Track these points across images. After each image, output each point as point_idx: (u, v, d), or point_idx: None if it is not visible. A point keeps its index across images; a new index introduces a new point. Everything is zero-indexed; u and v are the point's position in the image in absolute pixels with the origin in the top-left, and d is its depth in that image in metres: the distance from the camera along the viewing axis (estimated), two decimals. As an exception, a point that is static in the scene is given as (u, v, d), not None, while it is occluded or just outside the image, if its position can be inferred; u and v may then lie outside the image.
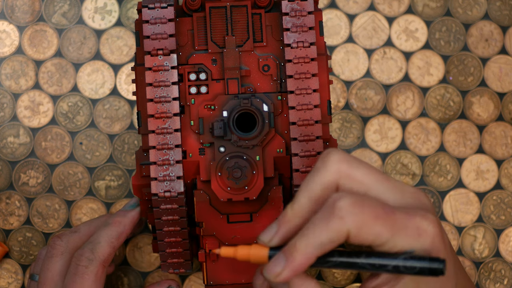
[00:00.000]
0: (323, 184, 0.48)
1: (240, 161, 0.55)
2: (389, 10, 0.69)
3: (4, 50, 0.68)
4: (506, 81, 0.69)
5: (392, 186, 0.49)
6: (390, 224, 0.47)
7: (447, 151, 0.69)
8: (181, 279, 0.68)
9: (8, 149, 0.68)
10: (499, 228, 0.69)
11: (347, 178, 0.48)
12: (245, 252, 0.50)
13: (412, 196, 0.49)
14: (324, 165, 0.49)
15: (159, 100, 0.55)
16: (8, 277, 0.67)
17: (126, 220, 0.62)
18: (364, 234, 0.46)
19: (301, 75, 0.55)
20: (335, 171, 0.48)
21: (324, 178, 0.48)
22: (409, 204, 0.49)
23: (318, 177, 0.48)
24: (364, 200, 0.47)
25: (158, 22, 0.56)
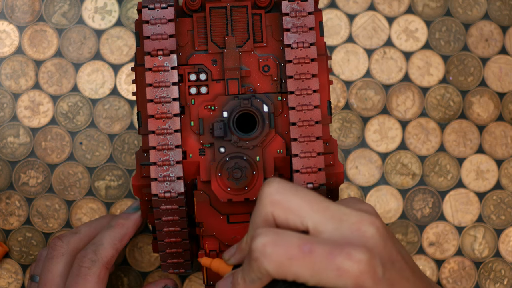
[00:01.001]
0: (261, 217, 0.49)
1: (240, 162, 0.55)
2: (389, 10, 0.69)
3: (4, 50, 0.68)
4: (506, 81, 0.69)
5: (330, 216, 0.47)
6: (307, 265, 0.46)
7: (447, 151, 0.69)
8: (181, 279, 0.68)
9: (8, 149, 0.68)
10: (499, 228, 0.69)
11: (281, 209, 0.48)
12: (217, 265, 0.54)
13: (351, 227, 0.47)
14: (260, 198, 0.49)
15: (159, 101, 0.55)
16: (8, 277, 0.67)
17: (129, 223, 0.62)
18: (284, 273, 0.46)
19: (301, 75, 0.55)
20: (269, 204, 0.48)
21: (261, 212, 0.49)
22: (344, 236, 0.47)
23: (257, 210, 0.49)
24: (279, 238, 0.46)
25: (158, 23, 0.56)
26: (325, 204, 0.48)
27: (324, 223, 0.47)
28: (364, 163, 0.69)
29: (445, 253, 0.68)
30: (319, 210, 0.48)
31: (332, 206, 0.48)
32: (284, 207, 0.48)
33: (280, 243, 0.46)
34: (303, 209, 0.48)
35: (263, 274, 0.46)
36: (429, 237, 0.68)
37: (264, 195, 0.49)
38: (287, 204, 0.48)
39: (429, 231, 0.68)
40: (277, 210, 0.48)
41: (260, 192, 0.49)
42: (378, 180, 0.69)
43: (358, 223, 0.47)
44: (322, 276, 0.45)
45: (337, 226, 0.47)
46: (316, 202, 0.48)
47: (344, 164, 0.68)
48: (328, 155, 0.57)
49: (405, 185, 0.69)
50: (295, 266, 0.46)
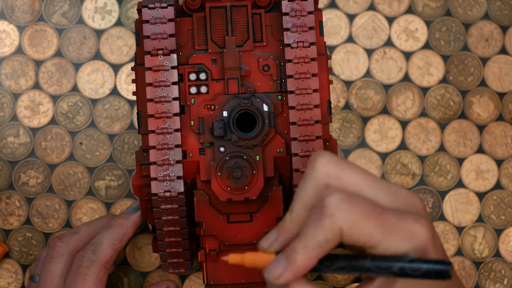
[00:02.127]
0: (314, 189, 0.48)
1: (240, 161, 0.55)
2: (389, 10, 0.69)
3: (4, 50, 0.68)
4: (506, 81, 0.69)
5: (384, 188, 0.48)
6: (381, 225, 0.46)
7: (447, 151, 0.69)
8: (181, 279, 0.68)
9: (8, 149, 0.68)
10: (499, 228, 0.69)
11: (337, 181, 0.47)
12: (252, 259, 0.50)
13: (404, 199, 0.48)
14: (313, 169, 0.48)
15: (159, 100, 0.55)
16: (8, 277, 0.67)
17: (129, 223, 0.62)
18: (356, 233, 0.45)
19: (301, 75, 0.55)
20: (324, 174, 0.47)
21: (314, 183, 0.48)
22: (400, 207, 0.47)
23: (309, 183, 0.48)
24: (353, 197, 0.46)
25: (158, 22, 0.56)
26: (377, 178, 0.48)
27: (379, 195, 0.47)
28: (364, 163, 0.69)
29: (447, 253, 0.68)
30: (374, 183, 0.47)
31: (382, 180, 0.48)
32: (340, 179, 0.47)
33: (355, 201, 0.45)
34: (359, 182, 0.47)
35: (334, 234, 0.45)
36: (429, 237, 0.68)
37: (319, 166, 0.47)
38: (343, 176, 0.47)
39: (429, 231, 0.68)
40: (333, 182, 0.47)
41: (313, 163, 0.48)
42: (378, 180, 0.69)
43: (409, 196, 0.48)
44: (394, 237, 0.46)
45: (392, 198, 0.47)
46: (370, 176, 0.48)
47: (344, 164, 0.68)
48: (328, 155, 0.57)
49: (405, 185, 0.69)
50: (370, 224, 0.45)
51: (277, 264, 0.47)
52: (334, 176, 0.47)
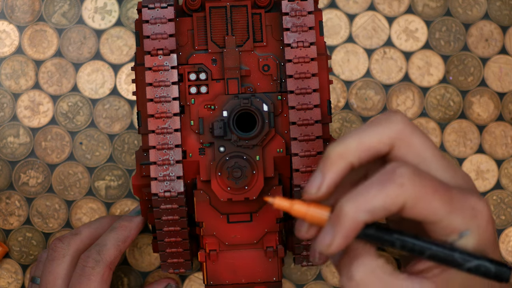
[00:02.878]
0: (380, 137, 0.45)
1: (240, 161, 0.55)
2: (389, 10, 0.69)
3: (4, 50, 0.68)
4: (506, 81, 0.69)
5: (446, 165, 0.47)
6: (447, 201, 0.44)
7: (447, 151, 0.69)
8: (181, 279, 0.68)
9: (8, 149, 0.68)
10: (499, 228, 0.69)
11: (405, 144, 0.46)
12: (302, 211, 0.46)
13: (463, 178, 0.47)
14: (389, 120, 0.46)
15: (159, 100, 0.55)
16: (8, 277, 0.67)
17: (133, 225, 0.62)
18: (420, 207, 0.44)
19: (301, 75, 0.55)
20: (398, 130, 0.46)
21: (384, 131, 0.45)
22: (460, 185, 0.47)
23: (379, 128, 0.45)
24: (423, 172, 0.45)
25: (158, 22, 0.56)
26: (441, 153, 0.47)
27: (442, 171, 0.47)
28: (364, 163, 0.69)
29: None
30: (440, 157, 0.47)
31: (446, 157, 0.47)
32: (410, 143, 0.46)
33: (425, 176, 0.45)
34: (426, 152, 0.46)
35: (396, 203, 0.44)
36: (429, 237, 0.68)
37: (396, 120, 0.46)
38: (414, 141, 0.46)
39: (429, 231, 0.68)
40: (401, 143, 0.46)
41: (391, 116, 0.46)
42: (378, 180, 0.68)
43: (466, 177, 0.48)
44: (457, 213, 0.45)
45: (453, 175, 0.47)
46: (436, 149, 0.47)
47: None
48: (328, 155, 0.57)
49: (405, 185, 0.69)
50: (437, 200, 0.44)
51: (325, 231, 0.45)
52: (405, 138, 0.46)
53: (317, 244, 0.45)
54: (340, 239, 0.44)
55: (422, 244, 0.45)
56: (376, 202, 0.44)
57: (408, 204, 0.44)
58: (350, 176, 0.49)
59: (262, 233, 0.57)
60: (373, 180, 0.44)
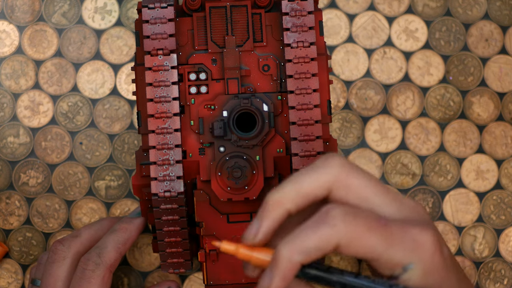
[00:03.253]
0: (317, 182, 0.46)
1: (240, 161, 0.55)
2: (389, 10, 0.69)
3: (4, 50, 0.68)
4: (506, 81, 0.69)
5: (391, 199, 0.47)
6: (385, 236, 0.45)
7: (447, 151, 0.69)
8: (181, 279, 0.68)
9: (8, 149, 0.68)
10: (499, 228, 0.69)
11: (344, 186, 0.47)
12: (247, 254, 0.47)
13: (410, 210, 0.47)
14: (325, 165, 0.47)
15: (159, 100, 0.55)
16: (8, 277, 0.67)
17: (133, 227, 0.62)
18: (355, 245, 0.45)
19: (301, 75, 0.55)
20: (334, 175, 0.47)
21: (321, 177, 0.46)
22: (406, 217, 0.47)
23: (315, 174, 0.47)
24: (357, 211, 0.45)
25: (158, 22, 0.56)
26: (385, 188, 0.47)
27: (387, 205, 0.47)
28: (364, 163, 0.69)
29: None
30: (382, 192, 0.47)
31: (390, 189, 0.48)
32: (348, 185, 0.47)
33: (358, 214, 0.45)
34: (365, 191, 0.47)
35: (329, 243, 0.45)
36: (429, 237, 0.68)
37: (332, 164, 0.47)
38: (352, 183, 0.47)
39: (429, 231, 0.68)
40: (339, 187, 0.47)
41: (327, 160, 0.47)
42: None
43: (416, 206, 0.48)
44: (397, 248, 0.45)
45: (399, 208, 0.47)
46: (378, 185, 0.47)
47: (344, 164, 0.68)
48: (328, 155, 0.57)
49: (405, 185, 0.69)
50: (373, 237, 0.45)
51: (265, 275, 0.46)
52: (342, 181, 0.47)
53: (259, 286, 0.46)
54: (278, 281, 0.46)
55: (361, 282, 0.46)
56: (310, 243, 0.45)
57: (342, 243, 0.45)
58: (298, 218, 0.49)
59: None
60: (308, 223, 0.45)
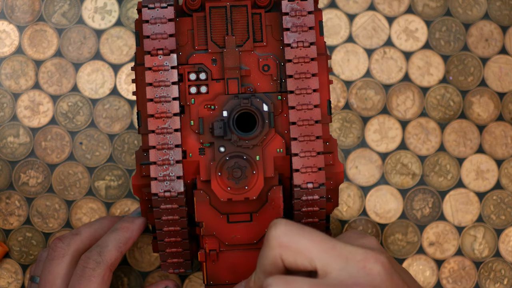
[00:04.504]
0: (269, 260, 0.50)
1: (240, 161, 0.55)
2: (389, 10, 0.69)
3: (4, 50, 0.68)
4: (506, 81, 0.69)
5: (336, 255, 0.48)
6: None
7: (447, 151, 0.69)
8: (181, 279, 0.68)
9: (8, 149, 0.68)
10: (499, 228, 0.69)
11: (289, 252, 0.49)
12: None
13: (357, 266, 0.48)
14: (267, 240, 0.50)
15: (159, 100, 0.55)
16: (8, 277, 0.67)
17: (134, 226, 0.62)
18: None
19: (301, 75, 0.55)
20: (277, 246, 0.49)
21: (269, 255, 0.50)
22: (352, 275, 0.48)
23: (265, 253, 0.50)
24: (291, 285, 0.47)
25: (158, 22, 0.56)
26: (331, 244, 0.49)
27: (331, 263, 0.48)
28: (364, 163, 0.69)
29: (445, 253, 0.68)
30: (326, 250, 0.48)
31: (338, 245, 0.49)
32: (292, 249, 0.49)
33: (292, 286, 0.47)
34: (311, 250, 0.49)
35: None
36: (429, 237, 0.68)
37: (271, 237, 0.50)
38: (295, 245, 0.49)
39: (429, 231, 0.68)
40: (286, 253, 0.49)
41: (267, 235, 0.50)
42: (378, 180, 0.69)
43: (364, 261, 0.48)
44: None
45: (343, 265, 0.48)
46: (323, 242, 0.49)
47: (344, 164, 0.68)
48: (328, 155, 0.57)
49: (405, 185, 0.69)
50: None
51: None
52: (285, 248, 0.49)
53: None
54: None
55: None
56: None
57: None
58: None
59: (262, 233, 0.57)
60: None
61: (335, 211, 0.68)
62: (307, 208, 0.56)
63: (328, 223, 0.61)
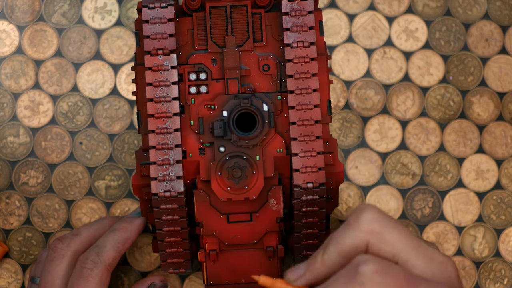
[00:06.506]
0: (353, 241, 0.49)
1: (240, 161, 0.55)
2: (389, 10, 0.69)
3: (4, 50, 0.68)
4: (506, 81, 0.69)
5: (422, 253, 0.48)
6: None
7: (447, 151, 0.69)
8: (181, 279, 0.68)
9: (8, 149, 0.68)
10: (499, 228, 0.69)
11: (377, 239, 0.48)
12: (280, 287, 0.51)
13: (440, 266, 0.49)
14: (357, 222, 0.49)
15: (159, 100, 0.55)
16: (8, 277, 0.67)
17: (133, 227, 0.62)
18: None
19: (301, 74, 0.55)
20: (367, 231, 0.49)
21: (355, 236, 0.49)
22: (435, 274, 0.48)
23: (349, 234, 0.49)
24: (388, 268, 0.47)
25: (158, 22, 0.56)
26: (417, 241, 0.49)
27: (416, 259, 0.48)
28: (364, 163, 0.69)
29: (445, 253, 0.68)
30: (413, 246, 0.48)
31: (422, 244, 0.49)
32: (381, 238, 0.48)
33: (388, 273, 0.46)
34: (399, 244, 0.48)
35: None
36: (429, 237, 0.68)
37: (363, 221, 0.49)
38: (385, 236, 0.48)
39: (429, 231, 0.68)
40: (374, 239, 0.49)
41: (357, 216, 0.49)
42: (378, 180, 0.69)
43: (445, 263, 0.49)
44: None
45: (428, 263, 0.48)
46: (410, 238, 0.49)
47: (344, 163, 0.68)
48: (328, 155, 0.57)
49: (405, 185, 0.69)
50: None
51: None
52: (376, 234, 0.48)
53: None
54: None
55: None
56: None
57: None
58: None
59: (262, 233, 0.57)
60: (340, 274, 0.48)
61: (335, 211, 0.68)
62: (307, 208, 0.56)
63: (328, 223, 0.61)
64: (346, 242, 0.49)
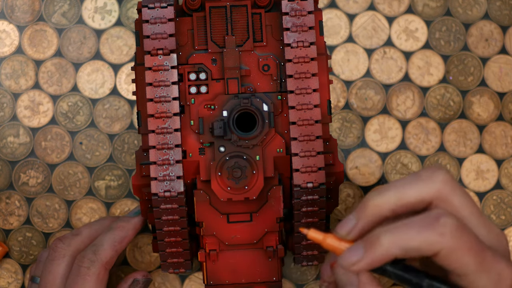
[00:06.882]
0: (420, 194, 0.48)
1: (240, 161, 0.55)
2: (389, 10, 0.69)
3: (4, 50, 0.68)
4: (506, 81, 0.69)
5: (483, 223, 0.49)
6: (479, 260, 0.46)
7: (447, 151, 0.69)
8: (181, 279, 0.68)
9: (8, 149, 0.68)
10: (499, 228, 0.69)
11: (444, 202, 0.48)
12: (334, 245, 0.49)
13: (496, 238, 0.49)
14: (430, 178, 0.48)
15: (159, 100, 0.55)
16: (8, 277, 0.67)
17: (130, 226, 0.62)
18: (453, 259, 0.46)
19: (301, 74, 0.55)
20: (437, 189, 0.48)
21: (424, 190, 0.48)
22: (493, 244, 0.49)
23: (419, 185, 0.48)
24: (466, 227, 0.47)
25: (158, 22, 0.56)
26: (479, 211, 0.49)
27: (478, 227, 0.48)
28: (364, 163, 0.69)
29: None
30: (477, 215, 0.48)
31: (483, 214, 0.49)
32: (449, 201, 0.48)
33: (465, 231, 0.46)
34: (465, 210, 0.48)
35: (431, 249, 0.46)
36: (429, 237, 0.68)
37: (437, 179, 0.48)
38: (452, 199, 0.48)
39: (429, 231, 0.68)
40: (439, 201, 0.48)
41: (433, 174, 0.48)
42: (378, 180, 0.69)
43: (500, 235, 0.49)
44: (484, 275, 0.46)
45: (487, 233, 0.49)
46: (475, 207, 0.49)
47: (344, 163, 0.68)
48: (328, 155, 0.57)
49: (405, 185, 0.69)
50: (470, 256, 0.46)
51: (354, 251, 0.47)
52: (444, 196, 0.48)
53: (342, 259, 0.47)
54: (365, 264, 0.47)
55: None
56: (413, 242, 0.46)
57: (442, 253, 0.46)
58: None
59: (262, 233, 0.57)
60: (415, 220, 0.46)
61: (335, 211, 0.68)
62: (307, 208, 0.56)
63: (328, 223, 0.61)
64: (412, 192, 0.48)
